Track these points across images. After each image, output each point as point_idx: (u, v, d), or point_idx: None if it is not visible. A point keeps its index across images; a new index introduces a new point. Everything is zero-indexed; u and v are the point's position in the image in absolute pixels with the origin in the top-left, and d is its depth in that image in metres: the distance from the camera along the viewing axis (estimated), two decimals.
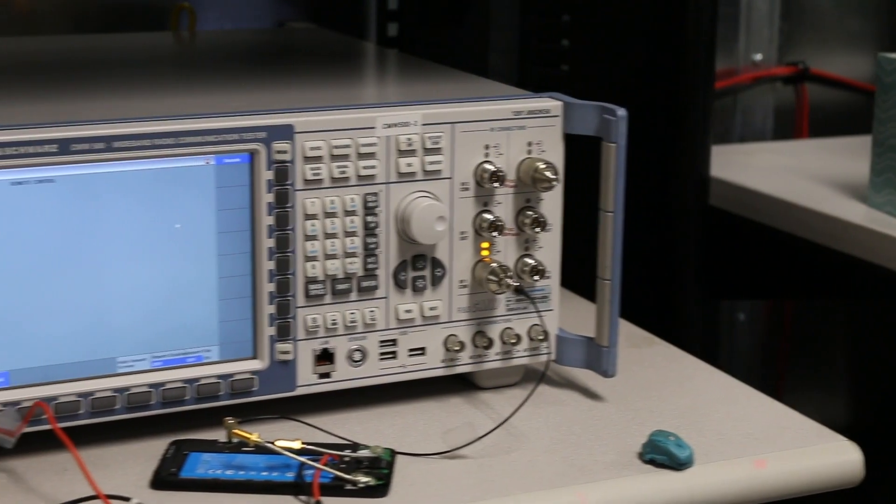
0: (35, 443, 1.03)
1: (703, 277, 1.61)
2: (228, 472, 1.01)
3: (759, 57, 1.95)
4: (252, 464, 1.02)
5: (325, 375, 1.10)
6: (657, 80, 1.60)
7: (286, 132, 1.05)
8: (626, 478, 1.03)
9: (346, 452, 1.02)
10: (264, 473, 1.01)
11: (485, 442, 1.06)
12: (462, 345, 1.13)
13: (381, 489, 0.99)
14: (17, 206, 1.00)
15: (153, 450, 1.05)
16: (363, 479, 0.99)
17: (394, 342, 1.12)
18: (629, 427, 1.11)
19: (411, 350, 1.12)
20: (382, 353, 1.11)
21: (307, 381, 1.10)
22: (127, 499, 0.96)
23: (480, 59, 1.62)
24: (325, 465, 1.00)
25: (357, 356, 1.11)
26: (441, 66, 1.31)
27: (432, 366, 1.13)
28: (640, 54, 1.62)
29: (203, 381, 1.06)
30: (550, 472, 1.04)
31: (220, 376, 1.07)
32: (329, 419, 1.10)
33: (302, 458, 1.00)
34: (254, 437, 1.00)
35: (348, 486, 0.99)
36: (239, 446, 1.03)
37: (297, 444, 1.01)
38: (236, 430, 1.00)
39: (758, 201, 1.62)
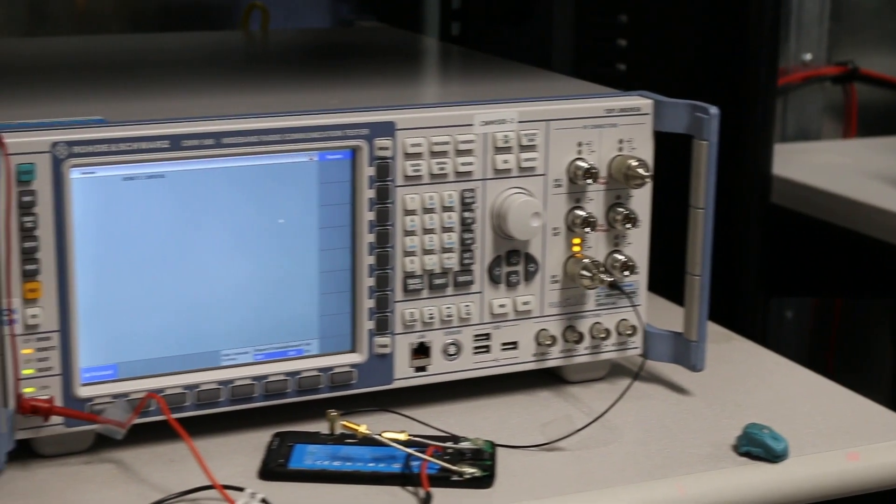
0: (142, 434, 1.04)
1: (765, 275, 1.62)
2: (336, 464, 1.02)
3: (808, 57, 1.97)
4: (358, 455, 1.03)
5: (421, 369, 1.12)
6: (717, 79, 1.62)
7: (388, 129, 1.07)
8: (724, 470, 1.04)
9: (449, 444, 1.04)
10: (371, 465, 1.02)
11: (580, 434, 1.08)
12: (553, 339, 1.15)
13: (486, 480, 1.01)
14: (128, 201, 1.02)
15: (255, 441, 1.07)
16: (469, 471, 1.01)
17: (487, 336, 1.13)
18: (719, 420, 1.13)
19: (504, 344, 1.14)
20: (476, 347, 1.13)
21: (404, 374, 1.11)
22: (241, 489, 0.98)
23: (544, 57, 1.64)
24: (431, 456, 1.01)
25: (452, 350, 1.12)
26: (524, 65, 1.33)
27: (524, 360, 1.15)
28: (700, 53, 1.63)
29: (304, 374, 1.08)
30: (648, 464, 1.05)
31: (320, 369, 1.08)
32: (424, 412, 1.11)
33: (409, 450, 1.01)
34: (362, 429, 1.01)
35: (454, 478, 1.01)
36: (342, 438, 1.05)
37: (402, 436, 1.02)
38: (345, 422, 1.02)
39: (820, 199, 1.64)
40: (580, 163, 1.12)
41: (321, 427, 1.07)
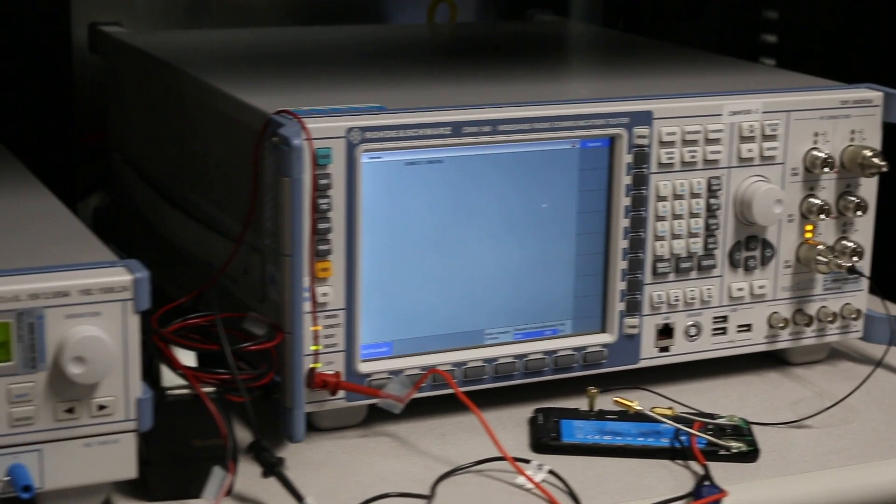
0: (409, 409, 1.08)
1: None
2: (606, 438, 1.07)
3: None
4: (624, 430, 1.08)
5: (665, 349, 1.16)
6: (881, 73, 1.65)
7: (645, 118, 1.11)
8: None
9: (707, 420, 1.08)
10: (640, 439, 1.06)
11: (823, 413, 1.12)
12: (785, 322, 1.19)
13: (752, 454, 1.05)
14: (408, 185, 1.06)
15: (515, 417, 1.11)
16: (735, 445, 1.05)
17: (724, 318, 1.18)
18: None
19: (739, 326, 1.18)
20: (715, 329, 1.18)
21: (649, 354, 1.16)
22: (527, 461, 1.02)
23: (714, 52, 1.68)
24: (698, 431, 1.06)
25: (693, 331, 1.17)
26: (732, 59, 1.37)
27: (756, 342, 1.19)
28: (857, 51, 1.67)
29: (560, 353, 1.12)
30: None
31: (574, 348, 1.13)
32: (665, 391, 1.16)
33: (678, 425, 1.06)
34: (635, 406, 1.06)
35: (722, 452, 1.05)
36: (601, 414, 1.10)
37: (670, 412, 1.07)
38: (617, 399, 1.06)
39: None
40: (816, 152, 1.16)
41: (572, 403, 1.12)
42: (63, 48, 1.46)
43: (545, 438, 1.06)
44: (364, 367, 1.06)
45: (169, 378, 0.99)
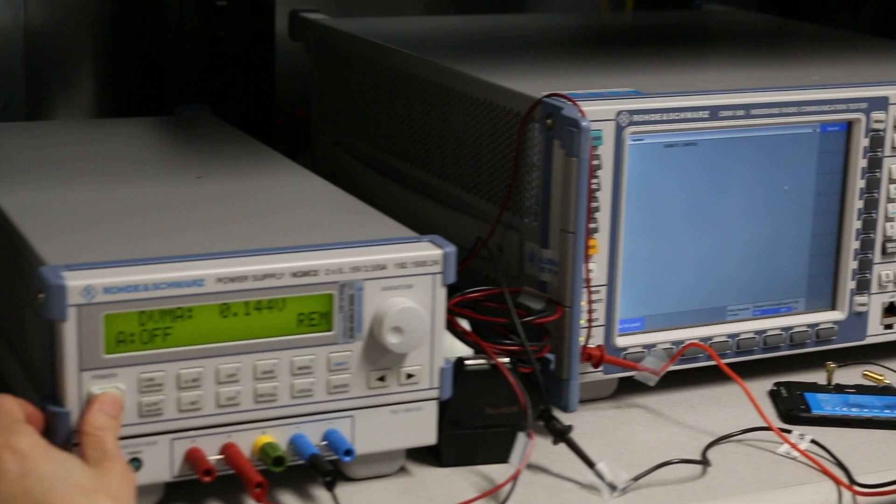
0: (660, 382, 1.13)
1: None
2: (854, 410, 1.11)
3: None
4: (868, 403, 1.12)
5: (889, 326, 1.21)
6: None
7: (882, 103, 1.15)
8: None
9: None
10: (886, 411, 1.11)
11: None
12: None
13: None
14: (665, 167, 1.10)
15: (754, 390, 1.15)
16: None
17: None
18: None
19: None
20: None
21: (875, 331, 1.20)
22: (788, 430, 1.07)
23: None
24: None
25: None
26: None
27: None
28: None
29: (795, 330, 1.17)
30: None
31: (808, 325, 1.17)
32: (889, 366, 1.20)
33: None
34: (885, 380, 1.10)
35: None
36: (839, 387, 1.14)
37: None
38: (867, 372, 1.11)
39: None
40: None
41: (803, 376, 1.17)
42: (268, 36, 1.50)
43: (795, 410, 1.11)
44: (620, 341, 1.11)
45: (448, 347, 1.03)
